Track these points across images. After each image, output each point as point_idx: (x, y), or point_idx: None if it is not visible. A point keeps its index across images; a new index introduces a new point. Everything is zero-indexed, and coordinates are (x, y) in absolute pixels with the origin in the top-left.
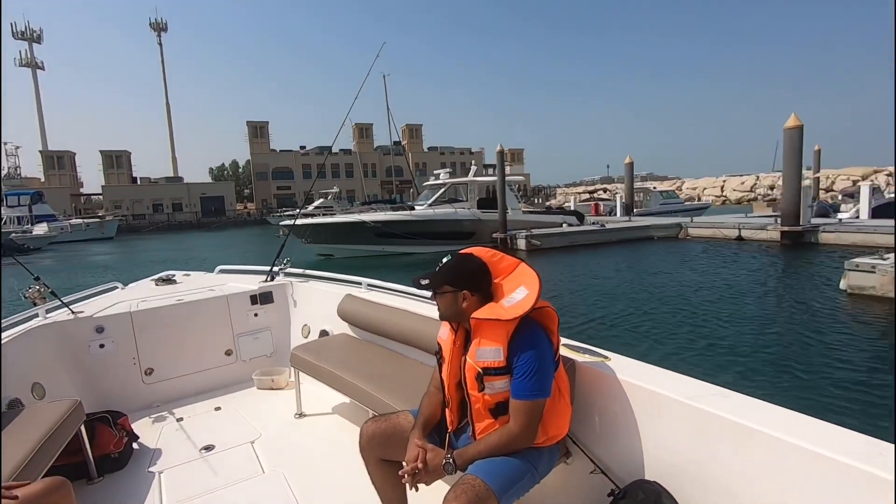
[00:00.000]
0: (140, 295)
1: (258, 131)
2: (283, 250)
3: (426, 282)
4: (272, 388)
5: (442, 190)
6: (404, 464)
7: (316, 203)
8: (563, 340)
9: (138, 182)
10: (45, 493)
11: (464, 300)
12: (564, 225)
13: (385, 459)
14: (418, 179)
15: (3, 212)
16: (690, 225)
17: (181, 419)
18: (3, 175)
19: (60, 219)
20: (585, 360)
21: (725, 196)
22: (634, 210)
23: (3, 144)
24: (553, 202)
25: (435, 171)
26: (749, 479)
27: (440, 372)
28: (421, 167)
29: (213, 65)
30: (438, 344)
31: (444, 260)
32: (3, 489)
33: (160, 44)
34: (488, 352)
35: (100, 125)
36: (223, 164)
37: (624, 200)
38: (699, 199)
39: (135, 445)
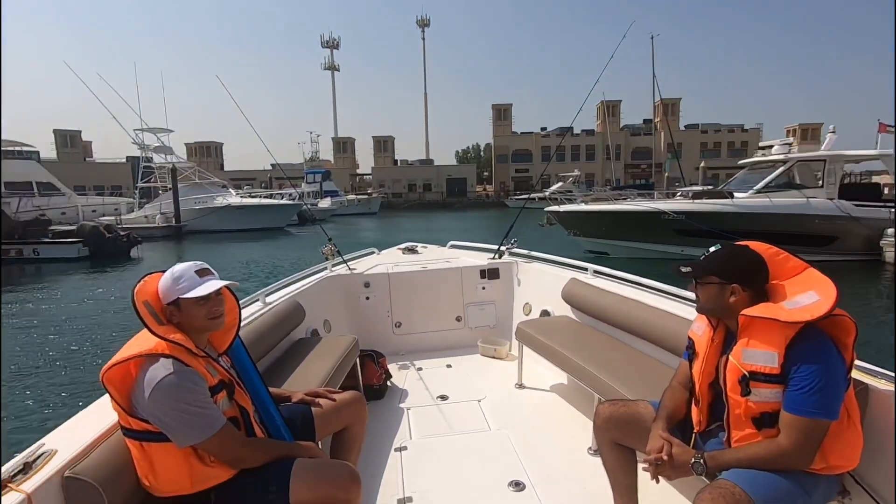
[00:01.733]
0: (392, 260)
1: (502, 114)
2: (511, 231)
3: (688, 269)
4: (494, 357)
5: (781, 170)
6: (643, 454)
7: (554, 187)
8: (857, 361)
9: (398, 164)
10: (350, 401)
11: (732, 294)
12: None
13: (619, 444)
14: (669, 162)
15: (303, 187)
16: None
17: (420, 369)
18: (306, 158)
19: (341, 195)
20: (884, 387)
21: None
22: None
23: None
24: None
25: (762, 144)
26: None
27: (690, 368)
28: (675, 148)
29: (466, 51)
30: (690, 339)
31: (713, 249)
32: (325, 390)
33: (423, 38)
34: (759, 355)
35: (372, 115)
36: (468, 147)
37: None
38: None
39: (389, 383)
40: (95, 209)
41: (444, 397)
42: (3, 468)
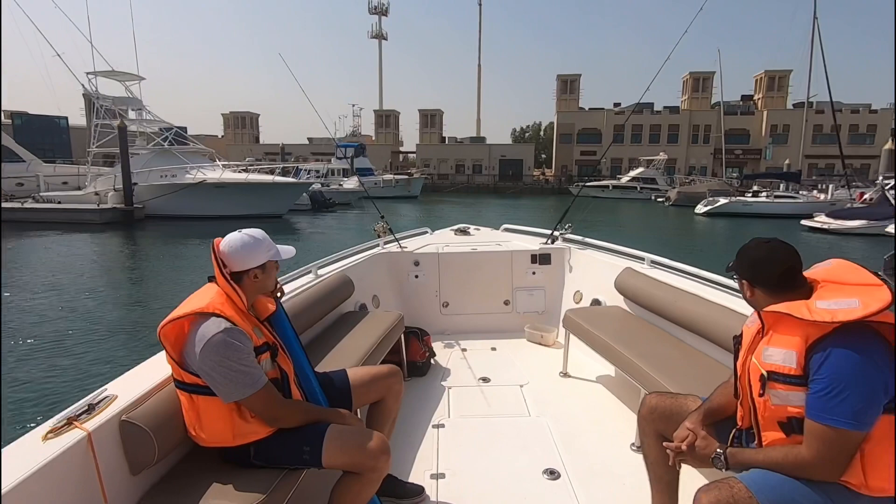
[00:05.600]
0: (443, 240)
1: (568, 86)
2: (566, 215)
3: (731, 263)
4: (540, 344)
5: None
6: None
7: (633, 172)
8: None
9: (446, 142)
10: (386, 374)
11: (747, 290)
12: None
13: (664, 436)
14: (771, 148)
15: (333, 163)
16: None
17: (465, 350)
18: (346, 133)
19: (377, 173)
20: None
21: None
22: None
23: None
24: None
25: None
26: None
27: (735, 361)
28: (780, 131)
29: (529, 16)
30: (742, 331)
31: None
32: (357, 367)
33: (480, 3)
34: (777, 353)
35: (421, 88)
36: (526, 126)
37: None
38: None
39: (432, 361)
40: (67, 180)
41: (485, 379)
42: (70, 408)
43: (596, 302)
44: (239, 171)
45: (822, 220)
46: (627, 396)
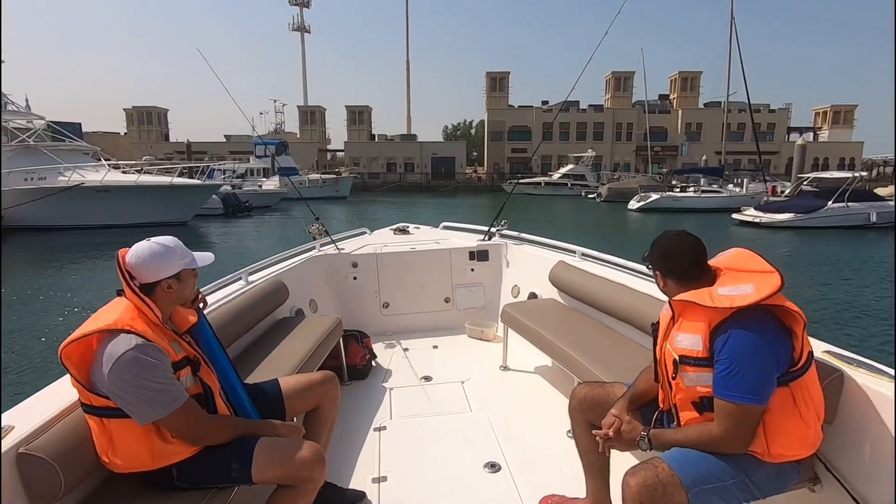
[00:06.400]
0: (382, 240)
1: (497, 84)
2: (502, 211)
3: (646, 254)
4: (481, 339)
5: None
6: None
7: (564, 169)
8: (830, 348)
9: (376, 139)
10: (321, 381)
11: (661, 280)
12: None
13: (593, 424)
14: (688, 146)
15: (251, 162)
16: None
17: (406, 349)
18: (268, 131)
19: (301, 173)
20: (859, 374)
21: None
22: None
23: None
24: None
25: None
26: None
27: (654, 347)
28: (694, 129)
29: (457, 14)
30: (659, 319)
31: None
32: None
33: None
34: (686, 338)
35: (348, 85)
36: (457, 124)
37: None
38: None
39: (373, 363)
40: None
41: (427, 378)
42: None
43: (533, 295)
44: (133, 173)
45: (752, 214)
46: (563, 385)
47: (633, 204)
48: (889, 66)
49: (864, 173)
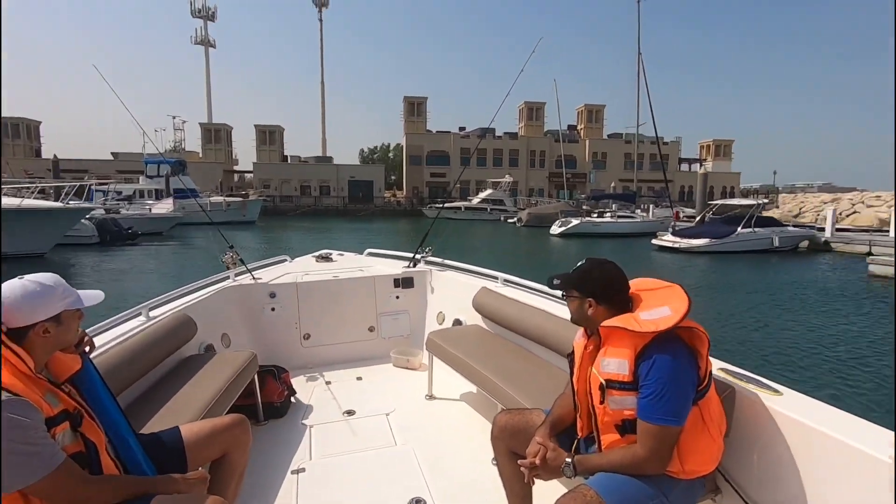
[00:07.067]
0: (304, 268)
1: (415, 108)
2: (426, 238)
3: (558, 282)
4: (406, 368)
5: None
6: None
7: (483, 194)
8: (724, 366)
9: (288, 160)
10: (229, 426)
11: (589, 307)
12: None
13: (515, 452)
14: (595, 174)
15: (141, 182)
16: None
17: (329, 382)
18: (168, 148)
19: (204, 194)
20: (749, 389)
21: None
22: None
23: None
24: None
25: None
26: None
27: (571, 377)
28: (599, 157)
29: (376, 38)
30: (573, 347)
31: (580, 263)
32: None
33: (321, 19)
34: (612, 363)
35: (260, 104)
36: (375, 147)
37: None
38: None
39: (292, 399)
40: None
41: (351, 412)
42: None
43: (457, 322)
44: None
45: (670, 240)
46: (488, 413)
47: (555, 229)
48: (762, 108)
49: (765, 200)
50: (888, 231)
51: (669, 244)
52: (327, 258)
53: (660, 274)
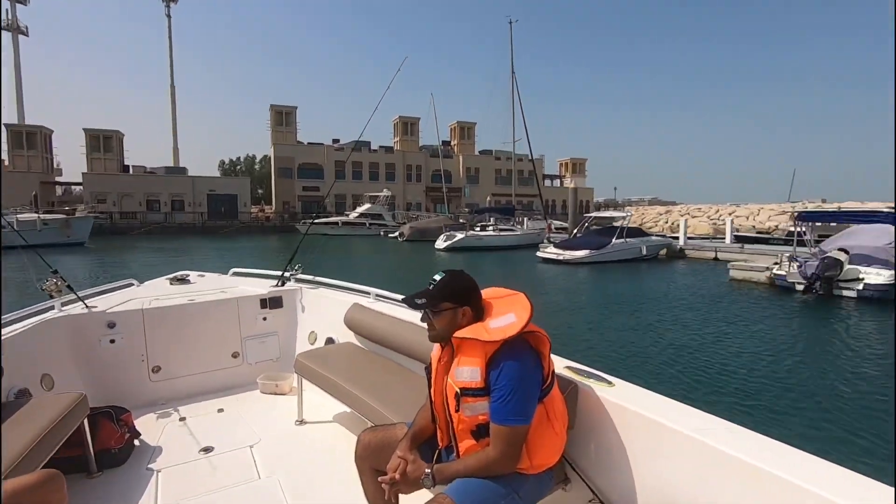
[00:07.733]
0: (154, 293)
1: (284, 118)
2: (295, 255)
3: (423, 301)
4: (275, 393)
5: None
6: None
7: (361, 209)
8: (566, 363)
9: (130, 171)
10: (37, 485)
11: (463, 316)
12: None
13: (378, 470)
14: (469, 189)
15: None
16: None
17: (184, 419)
18: None
19: (9, 211)
20: (587, 383)
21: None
22: None
23: None
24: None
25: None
26: None
27: (429, 389)
28: (472, 173)
29: (230, 45)
30: (430, 360)
31: (437, 277)
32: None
33: (168, 15)
34: (466, 371)
35: (93, 107)
36: (238, 158)
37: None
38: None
39: (136, 442)
40: None
41: (208, 449)
42: None
43: (330, 340)
44: None
45: (553, 252)
46: (359, 432)
47: (441, 243)
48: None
49: (632, 213)
50: (723, 238)
51: (553, 256)
52: (184, 280)
53: (549, 285)
